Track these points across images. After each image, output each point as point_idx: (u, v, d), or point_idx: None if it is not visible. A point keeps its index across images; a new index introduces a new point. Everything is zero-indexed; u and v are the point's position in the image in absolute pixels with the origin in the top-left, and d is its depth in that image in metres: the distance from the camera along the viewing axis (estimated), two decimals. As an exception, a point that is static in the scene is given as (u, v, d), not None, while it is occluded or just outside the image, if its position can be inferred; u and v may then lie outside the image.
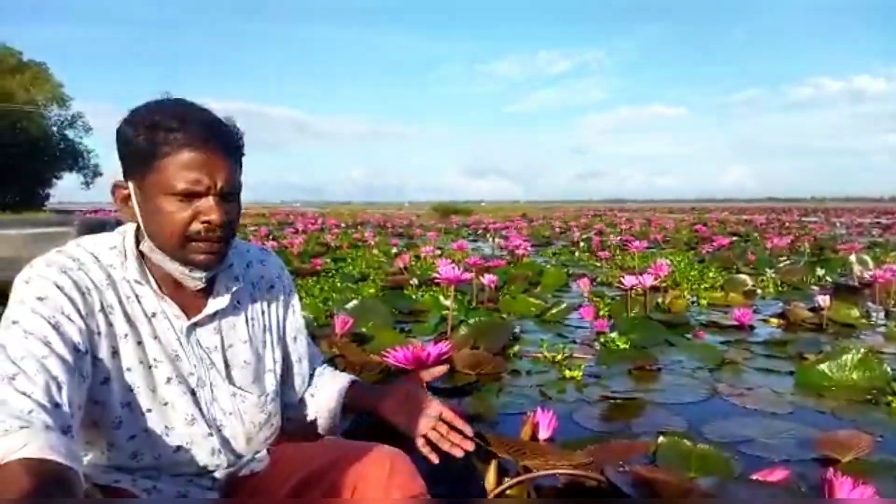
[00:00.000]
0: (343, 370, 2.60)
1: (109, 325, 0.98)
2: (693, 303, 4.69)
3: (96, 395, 0.96)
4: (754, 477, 1.56)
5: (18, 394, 0.81)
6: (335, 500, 1.10)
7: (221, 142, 0.98)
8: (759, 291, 5.25)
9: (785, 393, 2.55)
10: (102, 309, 0.98)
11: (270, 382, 1.17)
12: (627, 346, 3.22)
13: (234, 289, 1.11)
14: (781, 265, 6.57)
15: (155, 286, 1.03)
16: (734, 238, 11.04)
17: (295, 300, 1.27)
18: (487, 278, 4.38)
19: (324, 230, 13.82)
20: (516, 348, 3.20)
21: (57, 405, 0.83)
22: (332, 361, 2.65)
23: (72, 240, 2.65)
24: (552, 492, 1.61)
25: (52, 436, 0.77)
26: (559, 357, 3.01)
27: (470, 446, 1.27)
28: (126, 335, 1.00)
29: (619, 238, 10.52)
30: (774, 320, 3.99)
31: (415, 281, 5.27)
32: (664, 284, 4.92)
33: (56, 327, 0.89)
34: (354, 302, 3.91)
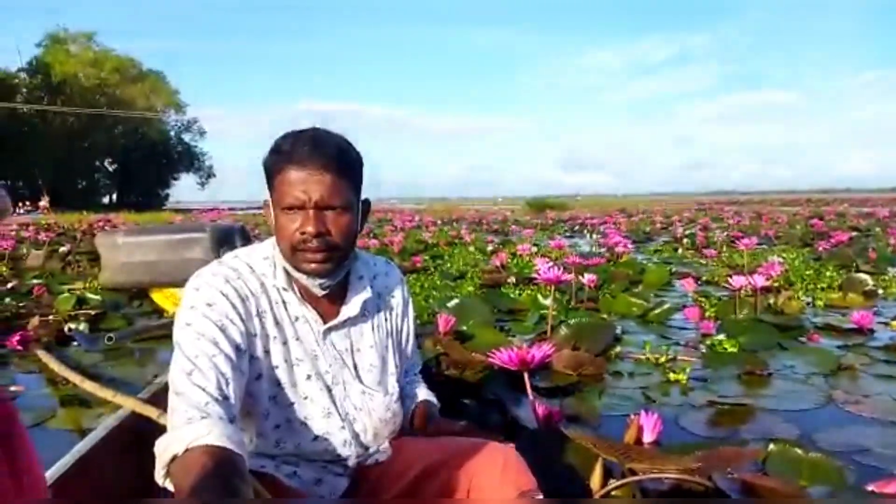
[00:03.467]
0: (447, 368, 2.73)
1: (263, 327, 1.12)
2: (808, 304, 4.47)
3: (250, 389, 1.11)
4: (869, 488, 1.52)
5: (196, 387, 0.96)
6: (447, 501, 1.18)
7: (321, 160, 1.07)
8: (880, 292, 4.92)
9: (907, 402, 2.42)
10: (258, 313, 1.12)
11: (393, 384, 1.28)
12: (736, 350, 3.14)
13: (364, 299, 1.22)
14: (907, 263, 6.12)
15: (298, 294, 1.17)
16: (854, 233, 10.30)
17: (410, 308, 1.38)
18: (587, 277, 4.37)
19: (420, 227, 14.10)
20: (618, 349, 3.20)
21: (226, 398, 0.97)
22: (436, 360, 2.76)
23: (204, 244, 2.89)
24: (657, 495, 1.63)
25: (226, 426, 0.91)
26: (663, 359, 2.98)
27: None
28: (275, 337, 1.14)
29: (725, 234, 10.09)
30: (897, 324, 3.75)
31: (512, 279, 5.32)
32: (776, 284, 4.72)
33: (222, 330, 1.04)
34: (455, 300, 4.02)
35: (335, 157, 1.10)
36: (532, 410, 2.00)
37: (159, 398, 1.80)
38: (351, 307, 1.20)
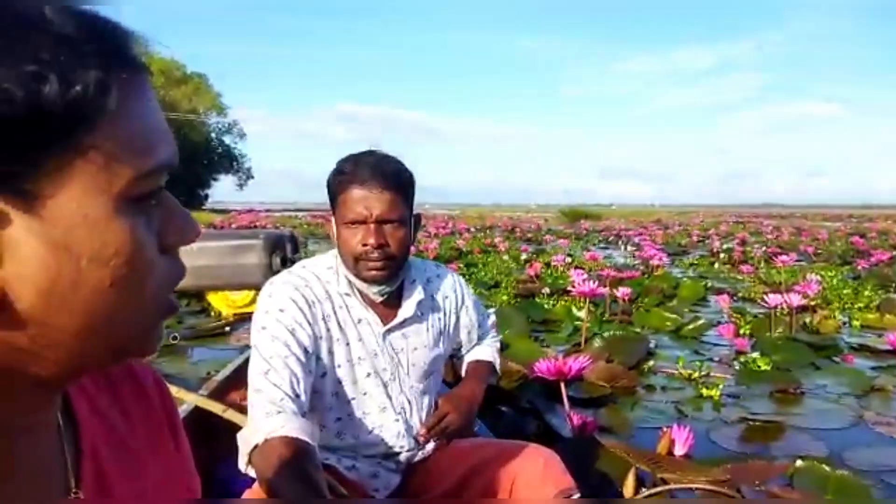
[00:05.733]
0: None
1: (328, 330, 1.25)
2: (844, 324, 4.46)
3: (316, 386, 1.23)
4: (896, 507, 1.58)
5: (272, 385, 1.09)
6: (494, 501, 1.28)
7: (381, 180, 1.21)
8: (920, 314, 4.87)
9: (940, 425, 2.45)
10: (323, 318, 1.25)
11: (437, 381, 1.41)
12: (769, 368, 3.17)
13: (418, 300, 1.34)
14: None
15: (360, 298, 1.29)
16: (896, 252, 10.10)
17: (469, 300, 1.49)
18: (621, 291, 4.43)
19: (454, 234, 14.20)
20: (651, 363, 3.26)
21: (298, 395, 1.10)
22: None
23: (258, 250, 3.05)
24: (687, 504, 1.71)
25: (299, 419, 1.04)
26: (696, 375, 3.04)
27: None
28: (338, 339, 1.26)
29: (764, 249, 9.98)
30: (935, 347, 3.72)
31: (546, 290, 5.39)
32: (813, 303, 4.70)
33: (293, 333, 1.17)
34: (491, 310, 4.12)
35: (393, 177, 1.23)
36: (567, 419, 2.09)
37: (219, 393, 1.94)
38: (406, 309, 1.33)
